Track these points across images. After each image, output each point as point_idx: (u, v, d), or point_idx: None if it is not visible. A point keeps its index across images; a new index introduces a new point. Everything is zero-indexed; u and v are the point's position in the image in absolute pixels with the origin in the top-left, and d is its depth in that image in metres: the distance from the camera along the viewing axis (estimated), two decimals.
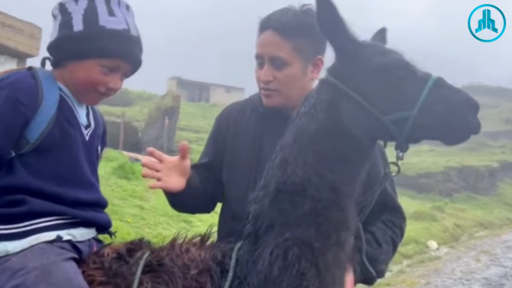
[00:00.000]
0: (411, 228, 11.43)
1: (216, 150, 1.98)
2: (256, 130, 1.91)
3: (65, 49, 1.50)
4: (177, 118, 19.73)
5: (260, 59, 1.84)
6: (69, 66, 1.51)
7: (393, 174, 1.55)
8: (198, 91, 46.34)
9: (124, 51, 1.51)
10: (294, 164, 1.44)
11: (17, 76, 1.46)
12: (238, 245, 1.48)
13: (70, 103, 1.53)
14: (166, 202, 1.89)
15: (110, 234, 1.65)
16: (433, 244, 11.84)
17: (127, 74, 1.60)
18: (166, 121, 17.96)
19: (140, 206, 8.34)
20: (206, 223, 8.21)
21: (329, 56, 1.87)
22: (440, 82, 1.42)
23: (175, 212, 8.17)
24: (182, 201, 1.82)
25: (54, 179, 1.45)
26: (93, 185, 1.57)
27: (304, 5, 1.83)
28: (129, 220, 7.31)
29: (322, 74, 1.88)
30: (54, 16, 1.55)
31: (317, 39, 1.79)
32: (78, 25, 1.47)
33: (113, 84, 1.54)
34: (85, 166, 1.54)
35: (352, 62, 1.49)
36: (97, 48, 1.47)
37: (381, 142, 1.62)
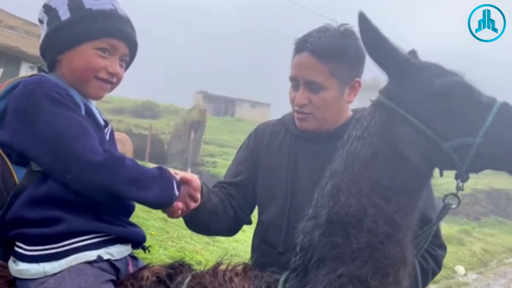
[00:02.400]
0: None
1: (249, 170, 1.92)
2: (290, 152, 1.86)
3: (57, 40, 1.46)
4: (202, 132, 19.89)
5: (295, 81, 1.78)
6: (64, 59, 1.47)
7: (453, 206, 1.44)
8: (224, 105, 46.75)
9: (115, 29, 1.48)
10: (347, 193, 1.34)
11: (40, 77, 1.44)
12: (284, 277, 1.39)
13: (89, 105, 1.50)
14: None
15: (144, 249, 1.60)
16: (460, 269, 11.48)
17: (126, 60, 1.55)
18: (192, 134, 18.10)
19: (164, 219, 8.35)
20: (229, 238, 8.19)
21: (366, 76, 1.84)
22: (506, 107, 1.33)
23: None
24: (197, 220, 1.71)
25: None
26: None
27: (341, 25, 1.77)
28: (153, 233, 7.32)
29: (360, 96, 1.83)
30: (41, 20, 1.52)
31: (355, 61, 1.75)
32: (65, 14, 1.45)
33: (112, 69, 1.49)
34: None
35: (408, 84, 1.40)
36: (88, 29, 1.45)
37: None
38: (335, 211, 1.34)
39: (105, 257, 1.40)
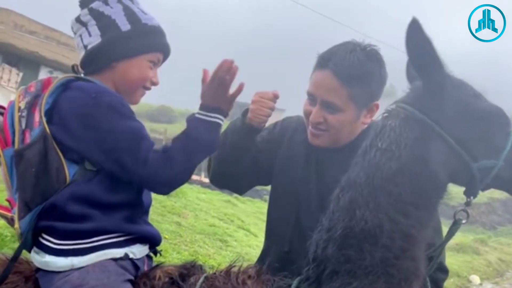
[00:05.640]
0: (452, 261, 10.99)
1: (268, 150, 1.95)
2: (306, 154, 1.86)
3: (117, 49, 1.52)
4: None
5: (312, 97, 1.76)
6: (118, 66, 1.54)
7: (463, 221, 1.47)
8: (238, 110, 46.86)
9: (163, 45, 1.62)
10: (364, 208, 1.31)
11: (99, 85, 1.48)
12: (295, 283, 1.38)
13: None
14: (203, 220, 1.86)
15: (156, 252, 1.63)
16: (475, 278, 11.33)
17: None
18: None
19: (178, 222, 8.41)
20: (242, 243, 8.22)
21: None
22: None
23: (211, 231, 8.11)
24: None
25: (125, 192, 1.46)
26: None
27: (368, 45, 1.73)
28: (166, 236, 7.36)
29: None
30: (84, 23, 1.55)
31: (376, 86, 1.74)
32: (125, 25, 1.53)
33: (155, 79, 1.61)
34: None
35: (446, 101, 1.39)
36: (146, 44, 1.56)
37: None
38: (350, 225, 1.32)
39: (130, 255, 1.44)
